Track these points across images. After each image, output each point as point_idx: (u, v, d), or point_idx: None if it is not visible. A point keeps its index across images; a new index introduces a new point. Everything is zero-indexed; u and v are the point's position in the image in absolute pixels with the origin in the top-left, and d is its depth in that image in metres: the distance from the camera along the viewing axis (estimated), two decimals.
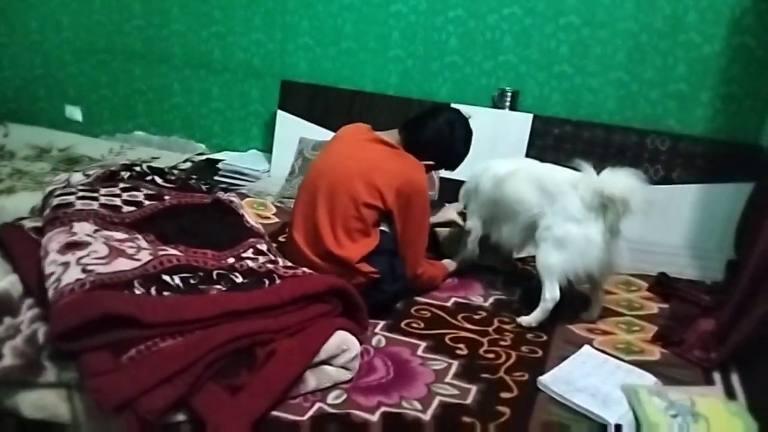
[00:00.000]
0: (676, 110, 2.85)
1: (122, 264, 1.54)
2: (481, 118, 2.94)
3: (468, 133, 2.11)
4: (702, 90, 2.79)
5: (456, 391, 1.61)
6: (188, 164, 3.45)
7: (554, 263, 1.92)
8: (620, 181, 1.85)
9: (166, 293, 1.51)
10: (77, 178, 2.13)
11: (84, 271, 1.46)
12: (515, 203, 2.06)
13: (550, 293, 1.91)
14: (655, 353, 1.84)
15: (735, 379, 1.71)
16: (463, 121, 2.10)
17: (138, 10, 3.63)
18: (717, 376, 1.73)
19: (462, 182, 2.90)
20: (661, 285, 2.22)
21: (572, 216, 1.90)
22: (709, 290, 2.16)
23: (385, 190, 1.91)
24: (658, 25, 2.78)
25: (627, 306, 2.11)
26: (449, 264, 2.27)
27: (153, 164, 3.23)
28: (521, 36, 2.98)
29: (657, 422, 1.46)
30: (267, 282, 1.68)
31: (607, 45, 2.88)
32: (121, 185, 2.09)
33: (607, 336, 1.91)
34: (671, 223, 2.67)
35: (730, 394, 1.65)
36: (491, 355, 1.76)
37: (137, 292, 1.47)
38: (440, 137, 2.04)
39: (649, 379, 1.68)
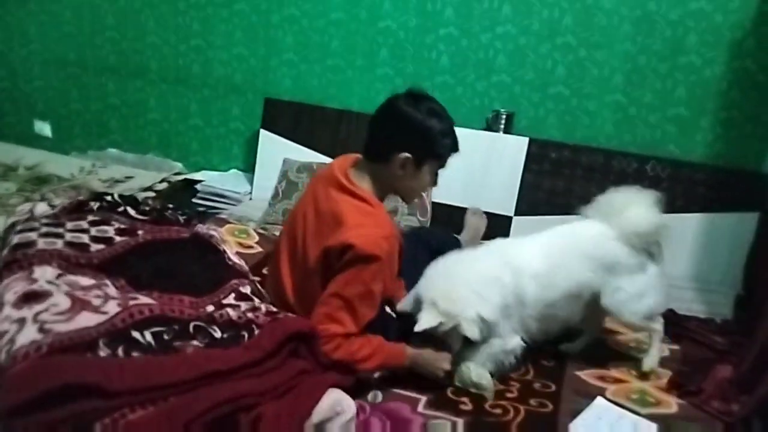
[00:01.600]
0: (675, 135, 2.75)
1: (86, 319, 1.36)
2: (474, 142, 2.84)
3: (421, 102, 1.66)
4: (702, 114, 2.70)
5: None
6: (165, 184, 3.28)
7: (645, 307, 1.81)
8: (642, 213, 1.76)
9: (135, 353, 1.34)
10: (41, 209, 1.94)
11: (41, 330, 1.28)
12: (575, 289, 1.77)
13: (659, 331, 1.86)
14: (672, 405, 1.71)
15: None
16: (409, 95, 1.68)
17: (111, 22, 3.45)
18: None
19: (456, 207, 2.78)
20: (670, 324, 2.09)
21: (632, 267, 1.78)
22: (720, 330, 2.05)
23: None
24: (657, 47, 2.69)
25: (636, 348, 1.98)
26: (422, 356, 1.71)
27: (129, 188, 3.07)
28: (515, 55, 2.87)
29: None
30: (246, 336, 1.51)
31: (605, 66, 2.78)
32: (90, 218, 1.91)
33: (620, 384, 1.78)
34: (674, 254, 2.55)
35: None
36: (498, 411, 1.62)
37: (102, 354, 1.30)
38: (387, 120, 1.67)
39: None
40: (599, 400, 1.68)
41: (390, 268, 1.66)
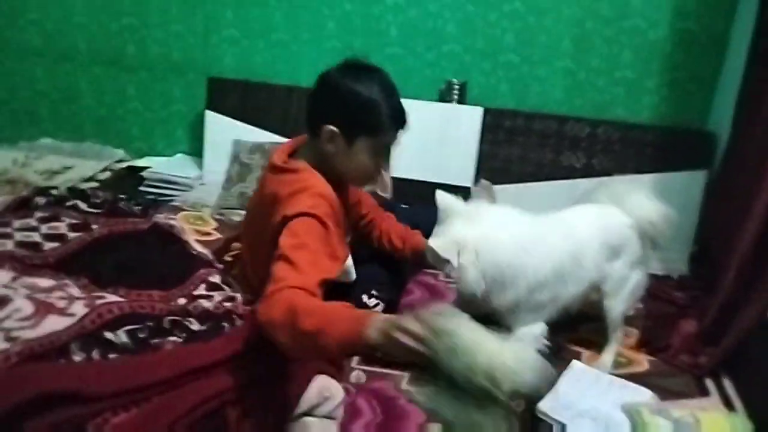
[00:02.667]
0: (623, 98, 2.81)
1: (53, 323, 1.27)
2: (428, 113, 2.82)
3: (353, 71, 1.53)
4: (648, 76, 2.76)
5: None
6: (107, 173, 3.11)
7: (627, 307, 1.80)
8: (650, 204, 1.75)
9: (111, 355, 1.27)
10: None
11: (7, 339, 1.19)
12: (595, 277, 1.70)
13: (620, 337, 1.82)
14: (644, 363, 1.78)
15: (728, 385, 1.67)
16: (345, 65, 1.55)
17: (33, 3, 3.21)
18: (710, 383, 1.69)
19: (416, 181, 2.77)
20: None
21: (638, 261, 1.77)
22: (680, 286, 2.14)
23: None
24: (604, 12, 2.72)
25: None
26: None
27: (69, 179, 2.90)
28: (465, 24, 2.85)
29: None
30: (227, 326, 1.46)
31: (553, 33, 2.79)
32: (38, 215, 1.79)
33: (593, 346, 1.82)
34: None
35: (726, 403, 1.61)
36: None
37: (77, 358, 1.22)
38: (317, 91, 1.54)
39: (645, 393, 1.60)
40: (575, 363, 1.72)
41: (321, 219, 1.42)
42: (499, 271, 1.50)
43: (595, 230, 1.68)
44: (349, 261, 1.67)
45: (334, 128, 1.49)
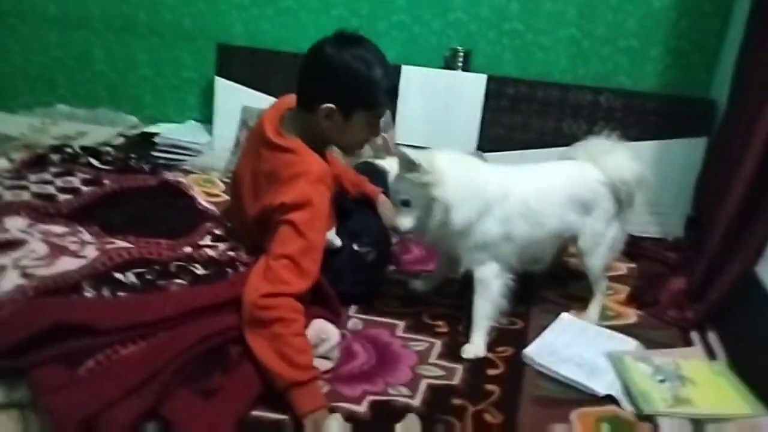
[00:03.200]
0: (627, 66, 2.83)
1: (66, 263, 1.36)
2: (433, 81, 2.86)
3: (348, 46, 1.52)
4: (652, 45, 2.78)
5: (442, 372, 1.54)
6: (121, 139, 3.19)
7: (606, 262, 1.84)
8: (629, 162, 1.78)
9: (120, 293, 1.35)
10: (1, 164, 1.89)
11: (24, 275, 1.28)
12: (559, 230, 1.75)
13: (604, 289, 1.86)
14: (631, 316, 1.84)
15: (712, 337, 1.73)
16: (337, 38, 1.54)
17: None
18: (695, 336, 1.75)
19: (420, 147, 2.81)
20: (627, 245, 2.21)
21: (612, 217, 1.79)
22: (673, 248, 2.18)
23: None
24: None
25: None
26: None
27: (82, 142, 2.98)
28: None
29: (647, 389, 1.45)
30: (231, 271, 1.54)
31: (558, 1, 2.81)
32: (53, 170, 1.88)
33: (582, 302, 1.88)
34: None
35: (709, 353, 1.67)
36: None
37: (88, 295, 1.31)
38: (311, 66, 1.55)
39: (630, 343, 1.67)
40: (564, 315, 1.79)
41: (324, 210, 1.52)
42: (463, 186, 1.56)
43: (564, 182, 1.74)
44: (333, 230, 1.72)
45: (332, 105, 1.52)
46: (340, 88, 1.51)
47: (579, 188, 1.74)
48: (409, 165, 1.52)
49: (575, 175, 1.77)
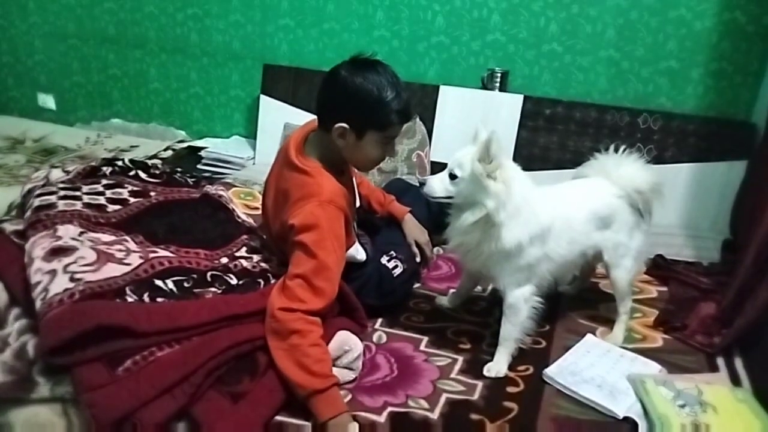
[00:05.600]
0: (667, 88, 2.81)
1: (112, 270, 1.46)
2: (470, 100, 2.91)
3: (360, 69, 1.57)
4: (693, 67, 2.76)
5: (462, 388, 1.58)
6: (169, 152, 3.35)
7: (633, 274, 1.84)
8: (641, 171, 1.81)
9: (159, 299, 1.45)
10: (56, 174, 2.04)
11: (72, 279, 1.39)
12: (587, 248, 1.76)
13: (630, 303, 1.85)
14: (658, 340, 1.83)
15: (738, 364, 1.71)
16: (352, 62, 1.60)
17: None
18: (720, 361, 1.73)
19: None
20: (659, 267, 2.21)
21: (633, 227, 1.80)
22: (707, 272, 2.15)
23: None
24: (648, 2, 2.73)
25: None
26: None
27: (133, 154, 3.15)
28: (509, 14, 2.92)
29: (666, 413, 1.45)
30: (262, 282, 1.62)
31: (597, 22, 2.82)
32: (104, 182, 2.01)
33: (609, 324, 1.88)
34: (666, 204, 2.61)
35: (734, 380, 1.65)
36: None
37: (129, 299, 1.41)
38: (327, 89, 1.62)
39: (653, 367, 1.66)
40: (589, 336, 1.80)
41: (334, 230, 1.57)
42: (517, 203, 1.54)
43: (583, 201, 1.75)
44: (356, 245, 1.77)
45: (345, 125, 1.57)
46: (352, 109, 1.57)
47: (597, 204, 1.75)
48: (483, 152, 1.51)
49: (592, 191, 1.79)
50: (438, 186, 1.61)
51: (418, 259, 1.99)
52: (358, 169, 1.79)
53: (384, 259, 1.84)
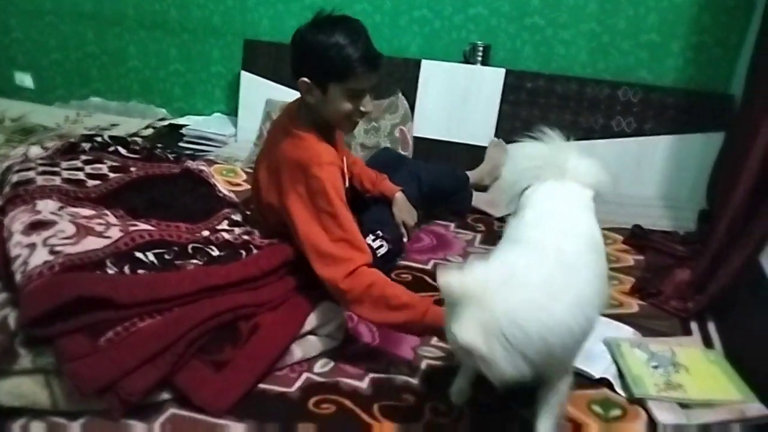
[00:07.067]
0: (647, 61, 2.83)
1: (92, 243, 1.46)
2: (452, 75, 2.91)
3: (320, 22, 1.57)
4: (673, 40, 2.77)
5: (442, 353, 1.61)
6: (150, 130, 3.33)
7: None
8: (591, 168, 1.53)
9: (140, 271, 1.45)
10: (35, 151, 2.02)
11: (52, 252, 1.39)
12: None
13: None
14: (634, 306, 1.87)
15: (711, 328, 1.75)
16: (315, 18, 1.59)
17: None
18: (694, 326, 1.77)
19: (437, 141, 2.90)
20: (636, 237, 2.24)
21: None
22: (683, 240, 2.20)
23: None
24: None
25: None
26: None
27: (114, 133, 3.12)
28: None
29: (640, 374, 1.49)
30: (244, 253, 1.63)
31: None
32: (83, 157, 1.99)
33: None
34: (644, 175, 2.70)
35: (707, 343, 1.69)
36: None
37: (110, 271, 1.41)
38: (291, 47, 1.61)
39: (626, 331, 1.70)
40: None
41: (337, 189, 1.57)
42: (540, 343, 1.08)
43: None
44: None
45: (306, 80, 1.57)
46: (309, 62, 1.56)
47: (596, 238, 1.38)
48: (463, 352, 1.08)
49: (589, 226, 1.39)
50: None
51: (405, 240, 2.00)
52: (338, 128, 1.74)
53: (369, 239, 1.85)
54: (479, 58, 2.94)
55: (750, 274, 1.72)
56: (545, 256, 1.19)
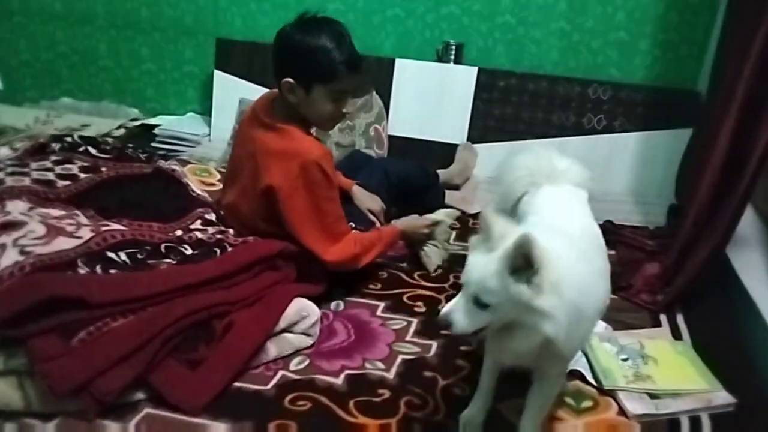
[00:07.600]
0: (616, 59, 2.89)
1: (63, 243, 1.45)
2: (426, 73, 2.93)
3: (304, 24, 1.60)
4: (641, 38, 2.83)
5: (417, 349, 1.62)
6: (122, 131, 3.28)
7: None
8: (575, 167, 1.53)
9: (112, 271, 1.44)
10: (4, 152, 1.99)
11: (22, 252, 1.37)
12: None
13: None
14: None
15: (680, 320, 1.80)
16: (298, 19, 1.63)
17: None
18: (663, 318, 1.81)
19: (412, 139, 2.91)
20: (607, 232, 2.26)
21: None
22: (653, 235, 2.24)
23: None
24: None
25: None
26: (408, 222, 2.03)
27: (85, 134, 3.07)
28: None
29: (610, 367, 1.52)
30: (218, 251, 1.63)
31: None
32: (53, 158, 1.97)
33: None
34: (615, 172, 2.75)
35: (676, 334, 1.73)
36: None
37: (81, 271, 1.40)
38: (274, 47, 1.65)
39: (599, 325, 1.73)
40: None
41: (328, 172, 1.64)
42: (573, 300, 1.07)
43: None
44: None
45: (291, 80, 1.59)
46: (295, 63, 1.59)
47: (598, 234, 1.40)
48: (515, 261, 1.03)
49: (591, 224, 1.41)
50: (464, 321, 1.09)
51: (378, 225, 2.02)
52: (318, 128, 1.78)
53: None
54: (452, 57, 2.96)
55: (716, 266, 1.76)
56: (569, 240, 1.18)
